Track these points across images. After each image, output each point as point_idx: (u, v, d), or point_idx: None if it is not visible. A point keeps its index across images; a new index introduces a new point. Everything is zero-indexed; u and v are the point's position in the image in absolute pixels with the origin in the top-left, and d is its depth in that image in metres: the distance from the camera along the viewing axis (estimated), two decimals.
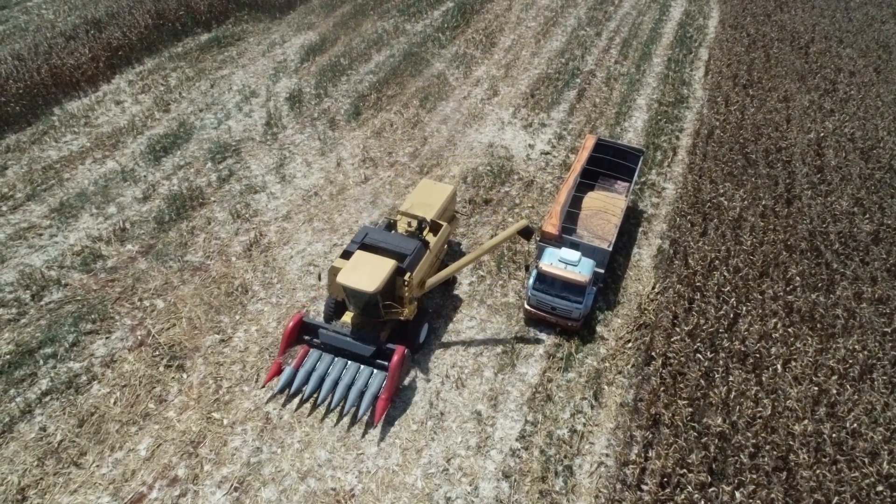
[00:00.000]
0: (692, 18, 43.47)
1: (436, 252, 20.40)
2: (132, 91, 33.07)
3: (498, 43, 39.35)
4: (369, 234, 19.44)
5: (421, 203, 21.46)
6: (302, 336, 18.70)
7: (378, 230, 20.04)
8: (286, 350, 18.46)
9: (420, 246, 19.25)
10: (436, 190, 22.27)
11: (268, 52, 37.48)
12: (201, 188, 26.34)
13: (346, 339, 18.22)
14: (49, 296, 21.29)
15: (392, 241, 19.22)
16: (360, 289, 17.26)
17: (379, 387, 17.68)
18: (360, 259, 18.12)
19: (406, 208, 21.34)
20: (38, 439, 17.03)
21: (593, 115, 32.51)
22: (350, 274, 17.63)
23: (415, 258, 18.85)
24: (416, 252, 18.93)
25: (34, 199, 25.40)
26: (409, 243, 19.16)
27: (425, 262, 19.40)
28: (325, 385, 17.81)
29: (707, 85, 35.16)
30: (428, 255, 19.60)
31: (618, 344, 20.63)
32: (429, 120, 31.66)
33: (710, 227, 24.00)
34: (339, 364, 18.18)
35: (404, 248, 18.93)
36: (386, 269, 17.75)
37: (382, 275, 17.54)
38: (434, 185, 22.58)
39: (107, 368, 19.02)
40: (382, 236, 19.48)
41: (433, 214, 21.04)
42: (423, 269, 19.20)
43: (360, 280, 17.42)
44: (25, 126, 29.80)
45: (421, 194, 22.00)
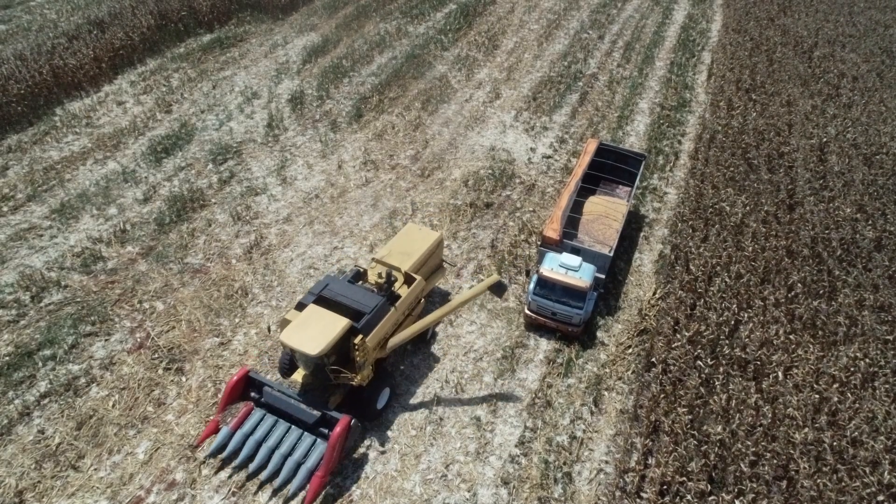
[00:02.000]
0: (695, 22, 43.42)
1: (403, 310, 18.21)
2: (134, 91, 33.08)
3: (500, 45, 39.31)
4: (330, 285, 17.60)
5: (399, 251, 19.66)
6: (247, 392, 16.96)
7: (340, 282, 18.00)
8: (227, 406, 16.67)
9: (382, 304, 17.30)
10: (419, 237, 20.36)
11: (270, 53, 37.47)
12: (202, 190, 26.32)
13: (291, 401, 16.38)
14: (49, 297, 21.26)
15: (351, 296, 17.32)
16: (303, 351, 15.48)
17: (317, 461, 15.77)
18: (311, 315, 16.38)
19: (381, 256, 19.58)
20: (36, 442, 16.99)
21: (595, 119, 32.45)
22: (294, 332, 15.87)
23: (373, 318, 16.93)
24: (375, 311, 17.01)
25: (35, 200, 25.39)
26: (370, 300, 17.26)
27: (387, 322, 17.36)
28: (260, 452, 15.99)
29: (710, 89, 35.09)
30: (392, 314, 17.56)
31: (618, 350, 20.56)
32: (430, 122, 31.62)
33: (712, 232, 23.94)
34: (280, 428, 16.37)
35: (364, 305, 17.04)
36: (335, 329, 15.93)
37: (329, 337, 15.71)
38: (419, 231, 20.72)
39: (106, 371, 18.98)
40: (343, 289, 17.55)
41: (410, 265, 19.15)
42: (383, 330, 17.26)
43: (303, 340, 15.61)
44: (27, 126, 29.81)
45: (402, 241, 20.16)
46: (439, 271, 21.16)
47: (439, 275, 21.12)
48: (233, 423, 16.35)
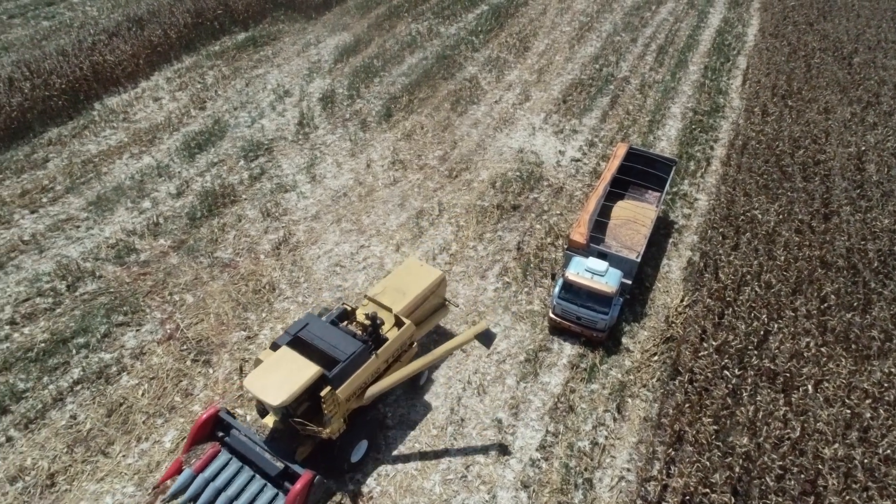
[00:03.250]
0: (731, 26, 42.71)
1: (386, 358, 16.82)
2: (170, 88, 33.74)
3: (531, 47, 39.17)
4: (309, 325, 16.40)
5: (395, 289, 18.31)
6: (215, 432, 15.99)
7: (321, 322, 16.62)
8: (193, 446, 15.74)
9: (361, 351, 15.88)
10: (419, 274, 18.95)
11: (302, 52, 37.90)
12: (233, 186, 26.75)
13: (257, 448, 15.38)
14: (83, 287, 21.82)
15: (329, 341, 16.02)
16: (264, 399, 14.45)
17: None
18: (281, 359, 15.28)
19: (374, 293, 18.19)
20: (68, 427, 17.48)
21: (626, 123, 32.14)
22: (259, 378, 14.83)
23: (349, 367, 15.58)
24: (352, 359, 15.62)
25: (73, 192, 26.07)
26: (347, 346, 15.87)
27: (365, 371, 16.05)
28: (219, 501, 14.90)
29: (744, 94, 34.50)
30: (372, 362, 16.22)
31: (643, 357, 20.35)
32: (459, 123, 31.66)
33: (743, 240, 23.54)
34: (244, 476, 15.29)
35: (340, 351, 15.71)
36: (302, 378, 14.75)
37: (294, 386, 14.54)
38: (419, 268, 19.26)
39: (136, 360, 19.43)
40: (321, 331, 16.27)
41: (403, 306, 17.73)
42: (360, 380, 15.98)
43: (266, 388, 14.55)
44: (67, 120, 30.62)
45: (399, 277, 18.84)
46: (440, 312, 19.68)
47: (439, 315, 19.64)
48: (196, 465, 15.34)
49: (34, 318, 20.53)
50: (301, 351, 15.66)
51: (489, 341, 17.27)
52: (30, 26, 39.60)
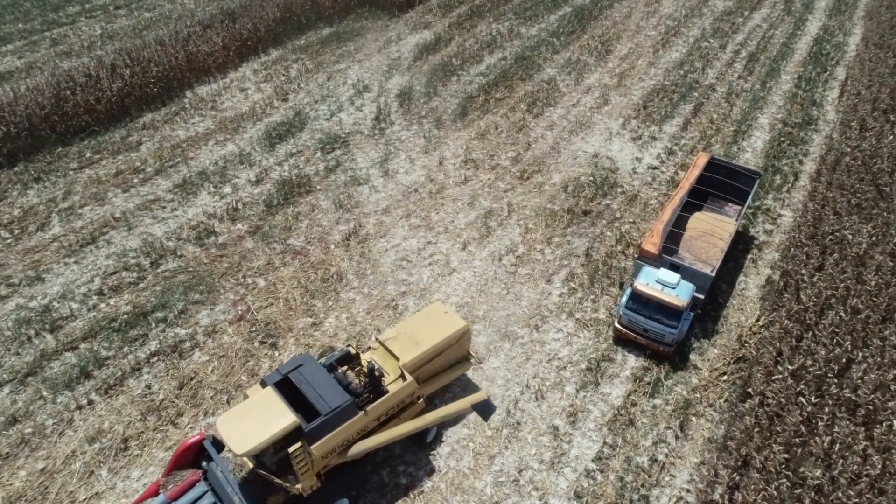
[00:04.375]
0: (831, 34, 40.33)
1: (377, 416, 15.48)
2: (256, 79, 35.07)
3: (614, 51, 38.32)
4: (302, 367, 15.33)
5: (410, 336, 16.68)
6: (199, 460, 15.31)
7: (315, 365, 15.43)
8: (174, 471, 15.13)
9: (347, 406, 14.61)
10: (440, 323, 17.14)
11: (384, 48, 38.54)
12: (309, 176, 27.52)
13: (228, 487, 14.39)
14: (165, 264, 23.01)
15: (317, 388, 14.85)
16: (229, 445, 13.50)
17: None
18: (260, 402, 14.37)
19: (386, 338, 16.68)
20: (143, 396, 18.48)
21: (709, 132, 30.92)
22: (231, 420, 13.97)
23: (330, 422, 14.39)
24: (335, 413, 14.41)
25: (161, 174, 27.53)
26: (334, 397, 14.64)
27: (350, 427, 14.76)
28: None
29: (841, 107, 32.51)
30: (359, 419, 14.90)
31: (711, 375, 19.53)
32: (534, 125, 31.37)
33: (829, 261, 22.17)
34: None
35: (324, 403, 14.53)
36: (273, 429, 13.70)
37: (264, 436, 13.54)
38: (442, 316, 17.39)
39: (208, 338, 20.31)
40: (313, 376, 15.09)
41: (412, 358, 16.16)
42: (342, 437, 14.72)
43: (234, 433, 13.64)
44: (161, 106, 32.36)
45: (418, 323, 17.16)
46: (461, 366, 17.81)
47: (460, 369, 17.80)
48: (171, 492, 14.60)
49: (119, 291, 21.83)
50: (286, 395, 14.70)
51: (488, 413, 16.53)
52: (133, 17, 42.13)
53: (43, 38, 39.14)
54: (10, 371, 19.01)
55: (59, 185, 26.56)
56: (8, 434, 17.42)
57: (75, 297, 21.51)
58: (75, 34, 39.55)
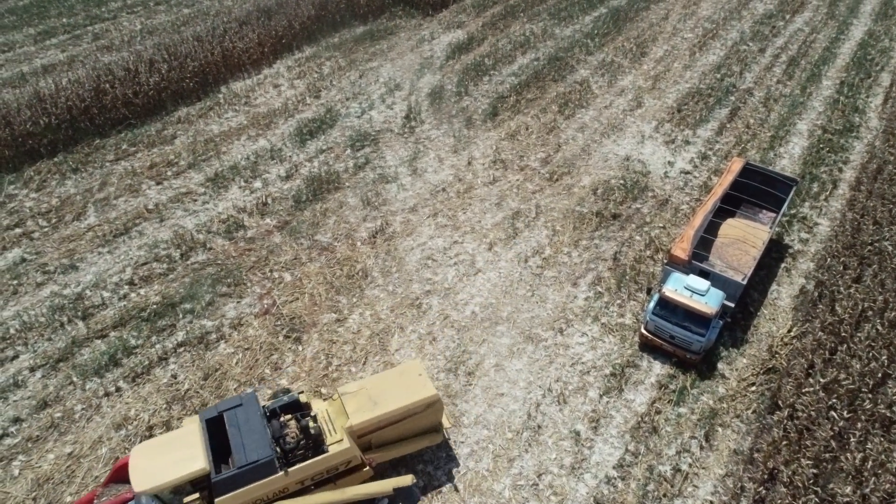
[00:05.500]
0: (876, 39, 39.09)
1: (301, 479, 14.11)
2: (289, 76, 35.43)
3: (649, 53, 37.73)
4: (241, 407, 14.30)
5: (371, 394, 15.16)
6: None
7: (255, 409, 14.28)
8: (112, 483, 14.45)
9: (267, 463, 13.44)
10: (409, 387, 15.36)
11: (416, 47, 38.59)
12: (338, 173, 27.68)
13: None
14: (195, 257, 23.37)
15: (243, 435, 13.69)
16: (131, 479, 12.86)
17: None
18: (182, 437, 13.58)
19: (345, 391, 15.27)
20: (168, 385, 18.79)
21: (745, 137, 30.23)
22: (147, 451, 13.33)
23: (242, 476, 13.26)
24: (249, 469, 13.28)
25: (194, 168, 27.98)
26: (255, 450, 13.41)
27: (265, 486, 13.58)
28: None
29: (885, 114, 31.49)
30: (278, 478, 13.67)
31: (739, 385, 19.07)
32: (565, 127, 31.06)
33: (867, 272, 21.47)
34: None
35: (242, 454, 13.31)
36: (179, 472, 12.95)
37: (165, 479, 12.81)
38: (416, 379, 15.58)
39: (234, 330, 20.56)
40: (247, 420, 13.93)
41: (363, 420, 14.65)
42: (254, 495, 13.57)
43: (141, 466, 12.89)
44: (196, 101, 32.90)
45: (385, 381, 15.63)
46: (427, 437, 16.08)
47: (425, 440, 16.05)
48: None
49: (150, 281, 22.24)
50: (213, 434, 13.82)
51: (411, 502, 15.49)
52: (172, 13, 42.95)
53: (85, 32, 40.15)
54: (43, 356, 19.51)
55: (95, 177, 27.19)
56: (39, 417, 17.88)
57: (107, 286, 21.98)
58: (116, 29, 40.47)
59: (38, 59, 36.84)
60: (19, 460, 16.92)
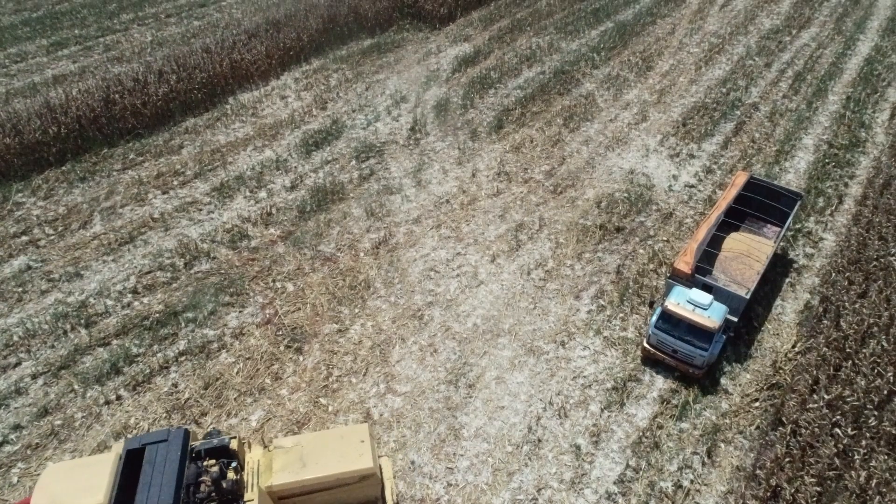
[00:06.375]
0: (883, 55, 39.01)
1: None
2: (296, 88, 35.71)
3: (655, 67, 37.81)
4: (165, 444, 13.10)
5: (303, 455, 13.81)
6: None
7: (177, 449, 13.02)
8: None
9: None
10: (348, 453, 13.86)
11: (423, 60, 38.83)
12: (343, 184, 27.79)
13: None
14: (198, 266, 23.46)
15: (153, 476, 12.57)
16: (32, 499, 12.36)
17: None
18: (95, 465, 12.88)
19: (279, 445, 14.14)
20: (169, 394, 18.80)
21: (750, 152, 30.16)
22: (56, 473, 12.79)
23: None
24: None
25: (200, 178, 28.17)
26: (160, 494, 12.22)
27: None
28: None
29: (891, 130, 31.37)
30: None
31: (743, 401, 18.88)
32: (570, 139, 31.09)
33: (873, 288, 21.28)
34: None
35: (147, 496, 12.21)
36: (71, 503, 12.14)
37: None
38: (356, 446, 14.01)
39: (235, 340, 20.58)
40: (164, 460, 12.82)
41: (284, 483, 13.41)
42: None
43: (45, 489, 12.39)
44: (203, 112, 33.18)
45: (325, 442, 14.21)
46: None
47: None
48: None
49: (153, 290, 22.33)
50: (127, 466, 12.96)
51: None
52: (183, 25, 43.47)
53: (97, 43, 40.67)
54: (45, 363, 19.59)
55: (102, 185, 27.42)
56: (39, 425, 17.92)
57: (111, 295, 22.09)
58: (127, 40, 40.98)
59: (49, 69, 37.32)
60: (18, 468, 16.95)
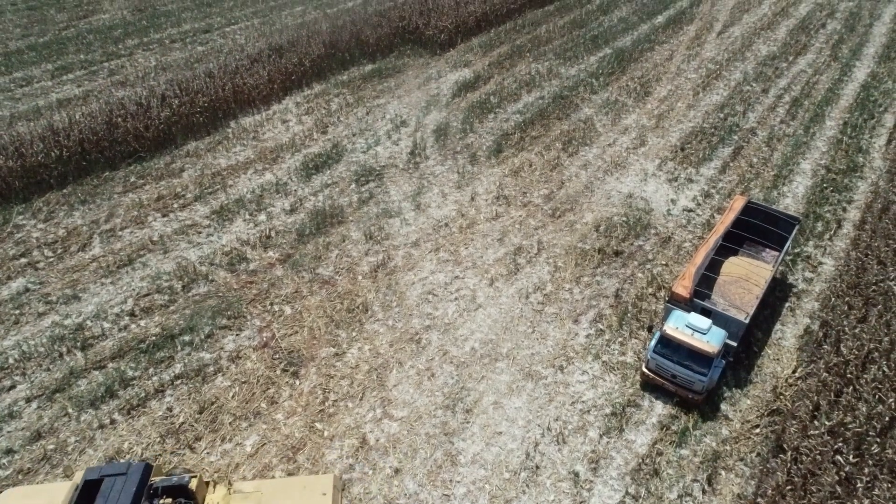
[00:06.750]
0: (879, 81, 39.38)
1: None
2: (298, 112, 36.03)
3: (653, 92, 38.16)
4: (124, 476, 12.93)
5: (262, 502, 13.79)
6: None
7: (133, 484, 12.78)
8: None
9: None
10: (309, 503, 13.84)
11: (423, 85, 39.23)
12: (342, 207, 27.88)
13: None
14: (196, 288, 23.43)
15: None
16: None
17: None
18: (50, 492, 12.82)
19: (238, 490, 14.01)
20: (164, 418, 18.64)
21: (748, 176, 30.27)
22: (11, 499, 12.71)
23: None
24: None
25: (200, 201, 28.28)
26: None
27: None
28: None
29: (889, 154, 31.52)
30: None
31: (743, 427, 18.67)
32: (569, 164, 31.25)
33: (873, 313, 21.18)
34: None
35: None
36: None
37: None
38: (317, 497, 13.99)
39: (232, 363, 20.47)
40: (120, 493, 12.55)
41: None
42: None
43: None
44: (205, 135, 33.45)
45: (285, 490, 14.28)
46: None
47: None
48: None
49: (150, 313, 22.28)
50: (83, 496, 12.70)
51: None
52: (187, 50, 44.04)
53: (102, 68, 41.18)
54: (40, 386, 19.47)
55: (103, 208, 27.53)
56: (31, 449, 17.74)
57: (108, 317, 22.04)
58: (132, 65, 41.50)
59: (54, 93, 37.75)
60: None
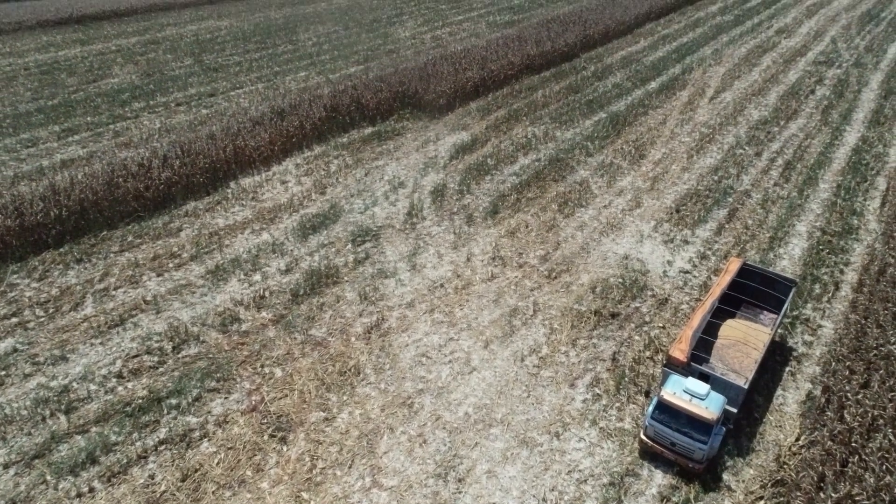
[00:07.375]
0: (870, 145, 40.01)
1: None
2: (297, 173, 36.53)
3: (647, 155, 38.74)
4: None
5: None
6: None
7: None
8: None
9: None
10: None
11: (421, 147, 39.91)
12: (338, 267, 27.83)
13: None
14: (187, 349, 23.11)
15: None
16: None
17: None
18: None
19: None
20: (144, 486, 17.99)
21: (743, 238, 30.32)
22: None
23: None
24: None
25: (196, 260, 28.28)
26: None
27: None
28: None
29: (883, 217, 31.65)
30: None
31: (747, 499, 17.95)
32: (565, 225, 31.38)
33: (875, 378, 20.72)
34: None
35: None
36: None
37: None
38: None
39: (218, 428, 19.92)
40: None
41: None
42: None
43: None
44: (204, 195, 33.80)
45: None
46: None
47: None
48: None
49: (138, 375, 21.88)
50: None
51: None
52: (191, 113, 45.11)
53: (107, 130, 42.08)
54: (19, 452, 18.89)
55: (98, 267, 27.50)
56: None
57: (95, 379, 21.63)
58: (137, 127, 42.41)
59: (58, 153, 38.44)
60: None
